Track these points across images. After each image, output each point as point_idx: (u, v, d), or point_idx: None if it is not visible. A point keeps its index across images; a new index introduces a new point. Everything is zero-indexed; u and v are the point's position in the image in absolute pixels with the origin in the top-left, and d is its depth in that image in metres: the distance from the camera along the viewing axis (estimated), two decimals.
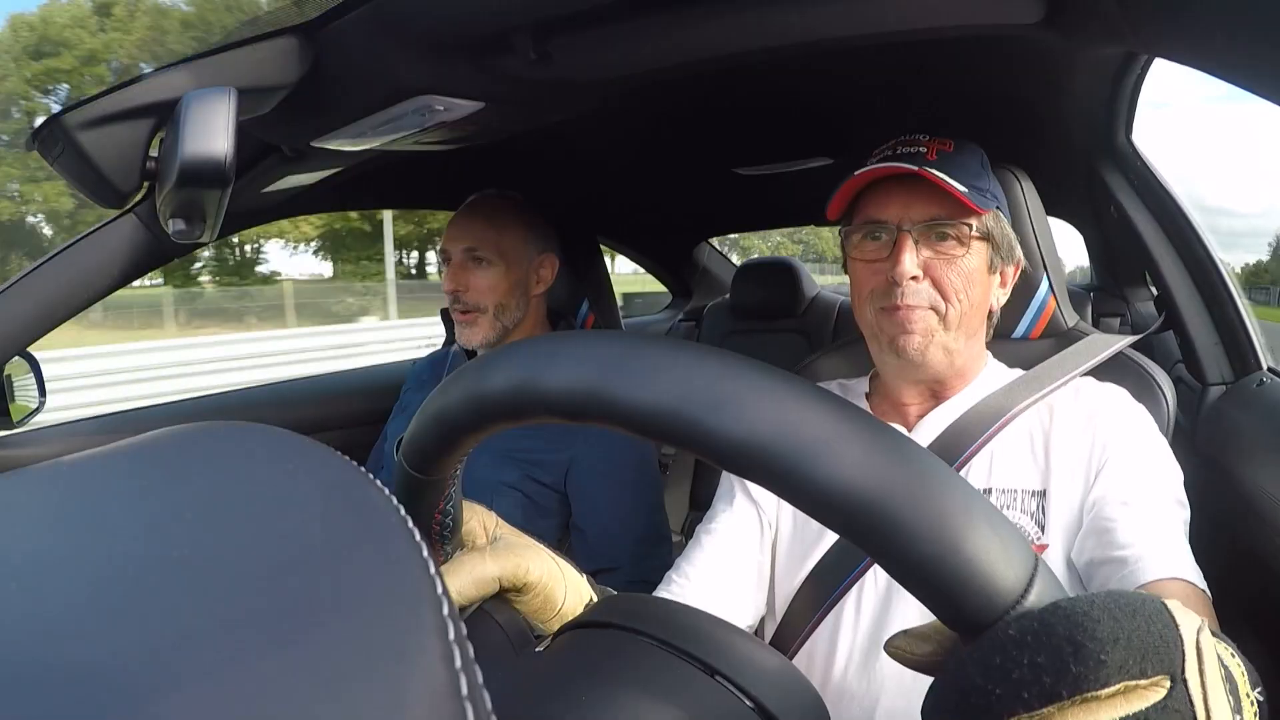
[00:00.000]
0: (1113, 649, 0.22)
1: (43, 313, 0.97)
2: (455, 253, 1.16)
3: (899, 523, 0.23)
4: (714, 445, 0.25)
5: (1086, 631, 0.22)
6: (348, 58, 0.69)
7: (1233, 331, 1.05)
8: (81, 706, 0.12)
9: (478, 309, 1.15)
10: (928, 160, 0.75)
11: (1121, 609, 0.23)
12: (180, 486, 0.19)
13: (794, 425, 0.24)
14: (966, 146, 0.79)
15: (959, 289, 0.75)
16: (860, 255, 0.79)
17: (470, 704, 0.13)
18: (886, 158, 0.77)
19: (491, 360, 0.31)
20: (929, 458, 0.25)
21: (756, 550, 0.82)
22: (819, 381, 0.92)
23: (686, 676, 0.32)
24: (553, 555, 0.49)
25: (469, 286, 1.14)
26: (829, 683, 0.75)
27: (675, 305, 2.50)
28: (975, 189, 0.74)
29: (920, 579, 0.24)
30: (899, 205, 0.75)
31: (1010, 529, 0.25)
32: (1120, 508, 0.67)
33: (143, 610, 0.14)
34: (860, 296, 0.80)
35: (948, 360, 0.78)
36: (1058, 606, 0.23)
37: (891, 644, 0.30)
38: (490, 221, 1.16)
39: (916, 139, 0.78)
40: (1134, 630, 0.23)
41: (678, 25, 0.68)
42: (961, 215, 0.75)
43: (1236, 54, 0.52)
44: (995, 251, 0.78)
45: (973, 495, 0.25)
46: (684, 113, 1.13)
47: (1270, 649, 0.82)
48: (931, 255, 0.75)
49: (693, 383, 0.26)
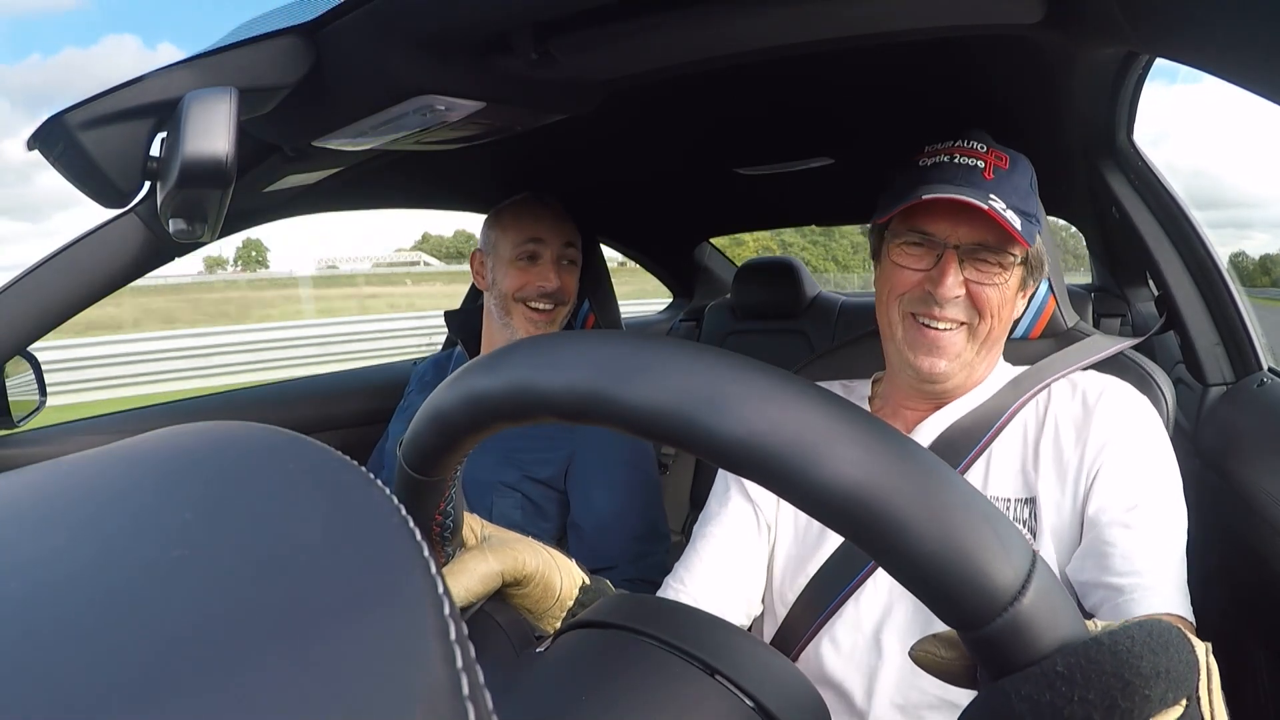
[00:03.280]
0: (1155, 683, 0.23)
1: (43, 312, 0.97)
2: (553, 250, 1.15)
3: (896, 521, 0.23)
4: (713, 445, 0.25)
5: (1132, 668, 0.23)
6: (348, 58, 0.69)
7: (1233, 332, 1.05)
8: (81, 707, 0.12)
9: (561, 304, 1.15)
10: (985, 180, 0.75)
11: (1159, 643, 0.24)
12: (180, 486, 0.19)
13: (793, 424, 0.24)
14: (1019, 164, 0.79)
15: (995, 309, 0.76)
16: (899, 259, 0.78)
17: (471, 704, 0.13)
18: (942, 166, 0.76)
19: (490, 361, 0.31)
20: (926, 455, 0.25)
21: (753, 549, 0.82)
22: (820, 382, 0.92)
23: (687, 677, 0.32)
24: (540, 545, 0.50)
25: (562, 283, 1.14)
26: (829, 687, 0.75)
27: (676, 305, 2.50)
28: (1025, 216, 0.75)
29: (918, 576, 0.24)
30: (949, 223, 0.75)
31: (1008, 526, 0.25)
32: (1120, 530, 0.67)
33: (142, 610, 0.14)
34: (889, 295, 0.79)
35: (966, 375, 0.79)
36: (1101, 643, 0.24)
37: (918, 648, 0.30)
38: (568, 222, 1.17)
39: (974, 149, 0.77)
40: (1170, 663, 0.24)
41: (678, 25, 0.68)
42: (1009, 244, 0.75)
43: (1236, 53, 0.52)
44: (1029, 273, 0.79)
45: (970, 492, 0.25)
46: (685, 112, 1.13)
47: (1270, 649, 0.82)
48: (973, 275, 0.75)
49: (692, 382, 0.26)
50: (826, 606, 0.76)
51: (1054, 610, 0.24)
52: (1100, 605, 0.65)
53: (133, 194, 0.66)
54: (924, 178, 0.76)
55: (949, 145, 0.78)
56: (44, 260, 0.96)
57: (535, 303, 1.14)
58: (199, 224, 0.67)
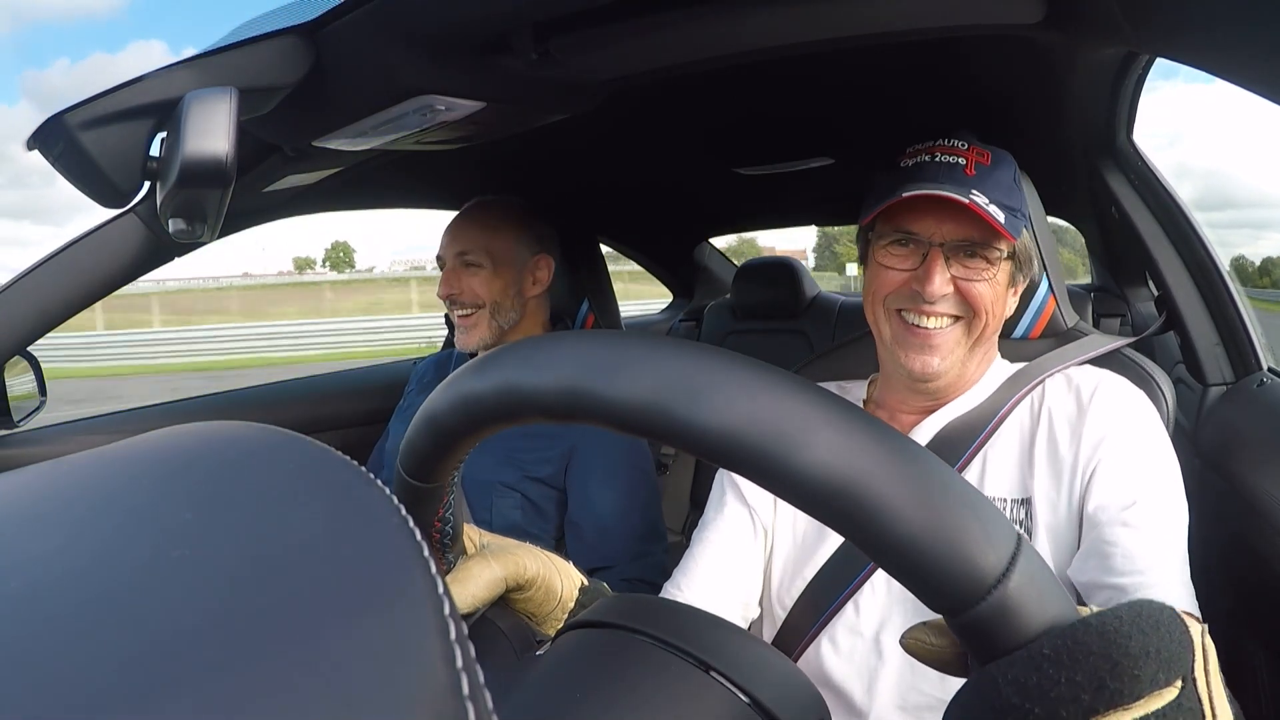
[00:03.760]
0: (1145, 663, 0.23)
1: (43, 312, 0.97)
2: (449, 258, 1.18)
3: (875, 505, 0.23)
4: (691, 436, 0.25)
5: (1120, 648, 0.23)
6: (348, 58, 0.69)
7: (1233, 332, 1.05)
8: (81, 706, 0.12)
9: (475, 307, 1.17)
10: (966, 176, 0.75)
11: (1148, 622, 0.24)
12: (180, 486, 0.19)
13: (770, 412, 0.24)
14: (1002, 159, 0.79)
15: (988, 305, 0.76)
16: (885, 259, 0.78)
17: (472, 704, 0.13)
18: (924, 166, 0.76)
19: (479, 364, 0.31)
20: (904, 440, 0.25)
21: (750, 552, 0.82)
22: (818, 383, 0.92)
23: (687, 676, 0.32)
24: (538, 549, 0.51)
25: (461, 289, 1.16)
26: (829, 689, 0.75)
27: (676, 305, 2.50)
28: (1009, 211, 0.74)
29: (901, 561, 0.24)
30: (933, 220, 0.75)
31: (990, 508, 0.25)
32: (1121, 529, 0.67)
33: (142, 610, 0.14)
34: (876, 295, 0.79)
35: (958, 374, 0.78)
36: (1088, 624, 0.24)
37: (908, 636, 0.30)
38: (482, 226, 1.19)
39: (955, 146, 0.77)
40: (1160, 643, 0.23)
41: (678, 25, 0.68)
42: (994, 239, 0.75)
43: (1236, 53, 0.52)
44: (1018, 269, 0.79)
45: (950, 476, 0.25)
46: (685, 112, 1.13)
47: (1270, 649, 0.82)
48: (960, 272, 0.75)
49: (670, 375, 0.26)
50: (826, 609, 0.76)
51: (1040, 593, 0.24)
52: (1105, 606, 0.65)
53: (133, 194, 0.66)
54: (906, 177, 0.76)
55: (929, 145, 0.78)
56: (44, 260, 0.96)
57: (451, 308, 1.19)
58: (199, 224, 0.67)
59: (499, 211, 1.21)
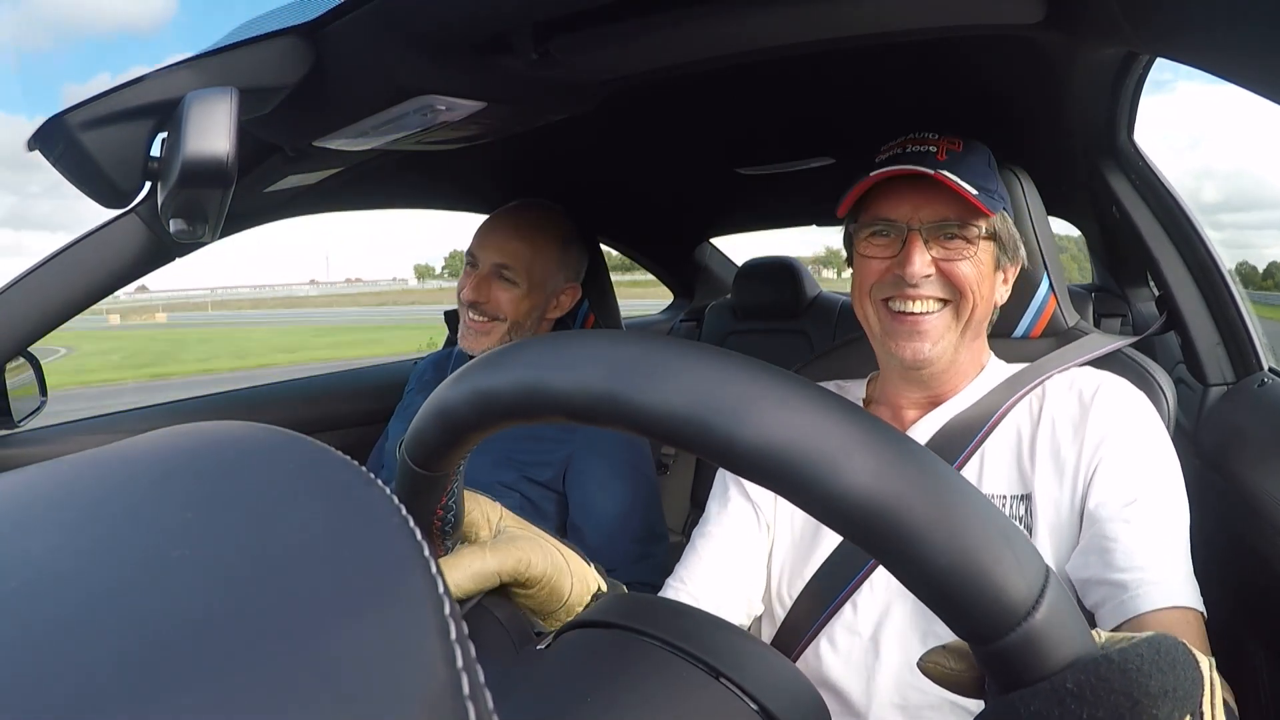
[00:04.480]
0: (1162, 702, 0.24)
1: (43, 312, 0.97)
2: (484, 264, 1.14)
3: (915, 534, 0.23)
4: (730, 452, 0.25)
5: (1141, 687, 0.23)
6: (348, 58, 0.69)
7: (1234, 332, 1.05)
8: (79, 705, 0.12)
9: (496, 319, 1.13)
10: (938, 160, 0.75)
11: (1167, 661, 0.24)
12: (179, 486, 0.19)
13: (811, 433, 0.24)
14: (975, 146, 0.79)
15: (973, 285, 0.76)
16: (867, 251, 0.79)
17: (472, 703, 0.13)
18: (896, 156, 0.77)
19: (500, 357, 0.31)
20: (944, 468, 0.25)
21: (753, 548, 0.82)
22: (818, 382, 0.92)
23: (688, 677, 0.32)
24: (558, 545, 0.49)
25: (489, 299, 1.13)
26: (828, 689, 0.75)
27: (677, 305, 2.50)
28: (984, 190, 0.75)
29: (934, 589, 0.24)
30: (909, 205, 0.76)
31: (1024, 541, 0.25)
32: (1122, 526, 0.67)
33: (141, 609, 0.14)
34: (862, 288, 0.80)
35: (950, 361, 0.78)
36: (1111, 660, 0.24)
37: (926, 660, 0.30)
38: (529, 242, 1.14)
39: (926, 138, 0.78)
40: (1177, 681, 0.24)
41: (678, 25, 0.68)
42: (971, 217, 0.75)
43: (1236, 53, 0.52)
44: (1001, 251, 0.79)
45: (987, 507, 0.25)
46: (685, 112, 1.13)
47: (1271, 649, 0.82)
48: (941, 254, 0.76)
49: (710, 388, 0.25)
50: (825, 608, 0.76)
51: (1066, 626, 0.24)
52: (1104, 602, 0.65)
53: (133, 194, 0.66)
54: (877, 169, 0.77)
55: (901, 139, 0.79)
56: (44, 260, 0.96)
57: (469, 310, 1.15)
58: (199, 224, 0.67)
59: (546, 225, 1.17)
